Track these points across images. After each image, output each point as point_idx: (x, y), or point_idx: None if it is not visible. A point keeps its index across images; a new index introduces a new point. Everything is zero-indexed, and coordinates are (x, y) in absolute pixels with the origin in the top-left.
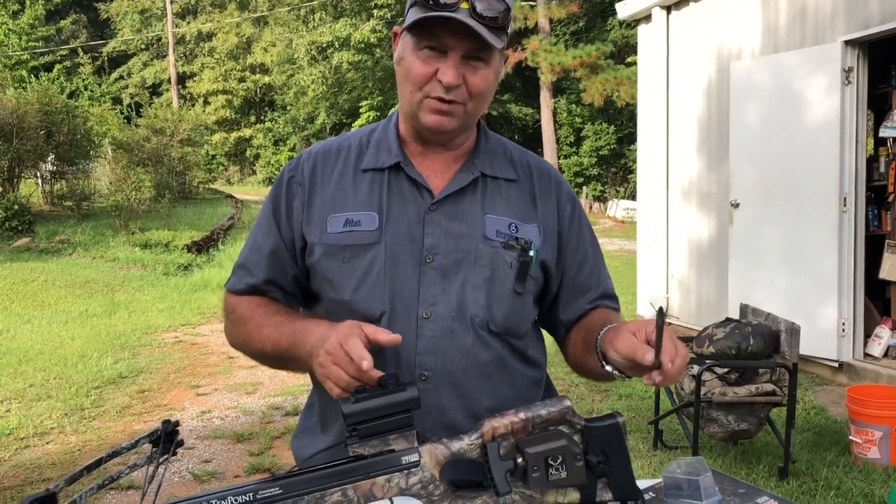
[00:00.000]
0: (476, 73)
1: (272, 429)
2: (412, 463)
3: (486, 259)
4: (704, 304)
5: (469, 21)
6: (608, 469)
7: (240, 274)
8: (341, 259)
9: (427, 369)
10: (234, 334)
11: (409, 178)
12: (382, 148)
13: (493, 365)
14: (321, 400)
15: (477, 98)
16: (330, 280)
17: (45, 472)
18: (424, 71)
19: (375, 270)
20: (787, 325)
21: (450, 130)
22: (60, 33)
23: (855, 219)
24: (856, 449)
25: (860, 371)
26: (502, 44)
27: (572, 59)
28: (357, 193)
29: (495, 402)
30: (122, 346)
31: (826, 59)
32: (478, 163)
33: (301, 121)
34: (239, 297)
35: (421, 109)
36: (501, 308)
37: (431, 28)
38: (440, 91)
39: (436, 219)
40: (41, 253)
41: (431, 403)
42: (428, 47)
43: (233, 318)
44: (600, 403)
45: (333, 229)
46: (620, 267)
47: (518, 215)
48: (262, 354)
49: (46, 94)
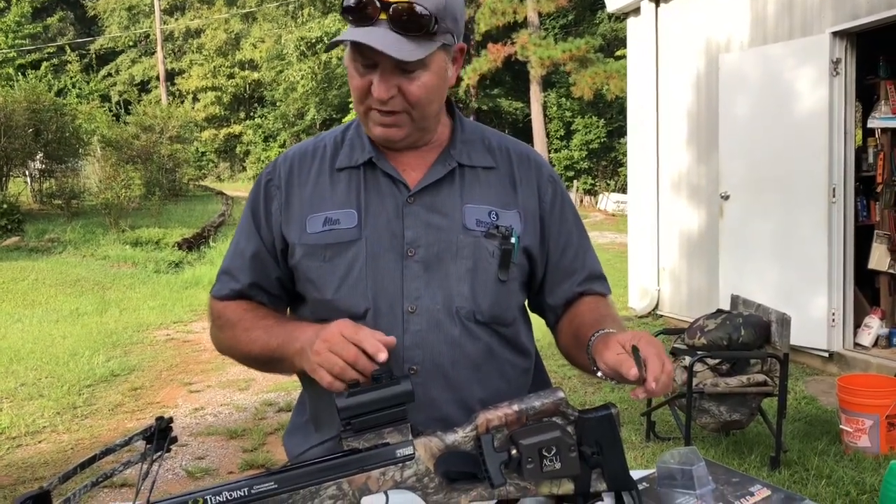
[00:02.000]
0: (413, 81)
1: (265, 425)
2: (407, 456)
3: (467, 249)
4: (695, 296)
5: (384, 40)
6: (602, 460)
7: (224, 280)
8: (322, 258)
9: (415, 363)
10: (221, 339)
11: (384, 173)
12: (356, 146)
13: (481, 355)
14: (312, 398)
15: (418, 105)
16: (312, 280)
17: (37, 471)
18: (361, 83)
19: (357, 268)
20: (777, 315)
21: (399, 140)
22: (47, 31)
23: (844, 209)
24: (846, 438)
25: (850, 361)
26: (434, 47)
27: (562, 52)
28: (334, 192)
29: (487, 394)
30: (113, 344)
31: (814, 51)
32: (454, 153)
33: (291, 117)
34: (225, 302)
35: (367, 120)
36: (486, 298)
37: (355, 44)
38: (377, 104)
39: (414, 211)
40: (31, 252)
41: (422, 397)
42: (359, 62)
43: (219, 323)
44: (593, 395)
45: (313, 229)
46: (612, 260)
47: (498, 202)
48: (250, 357)
49: (34, 92)
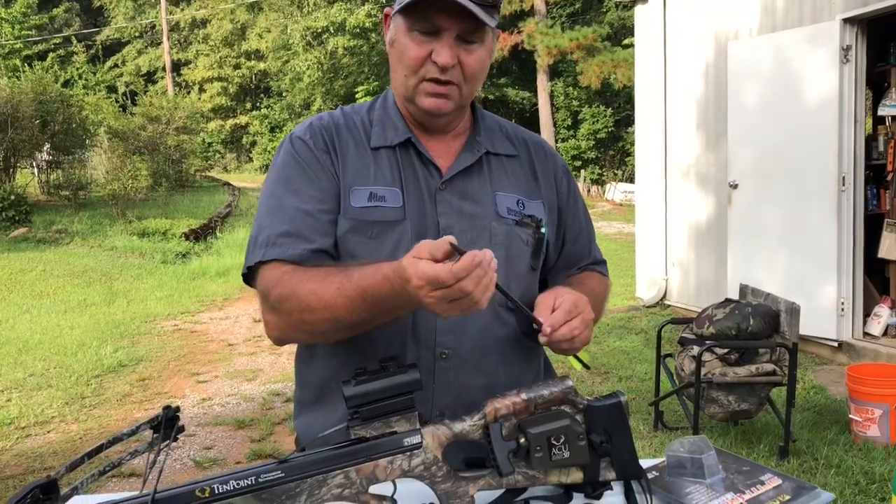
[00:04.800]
0: (470, 53)
1: (273, 415)
2: (415, 445)
3: (501, 237)
4: (703, 286)
5: (462, 0)
6: (611, 448)
7: (286, 242)
8: (369, 235)
9: (447, 347)
10: (284, 311)
11: (418, 155)
12: (388, 126)
13: (508, 342)
14: (325, 376)
15: (471, 79)
16: (356, 256)
17: (46, 461)
18: (418, 53)
19: (403, 249)
20: (786, 305)
21: (447, 112)
22: (53, 22)
23: (854, 198)
24: (856, 427)
25: (860, 350)
26: (495, 21)
27: (569, 41)
28: (379, 168)
29: (511, 379)
30: (121, 335)
31: (824, 38)
32: (481, 140)
33: (297, 107)
34: (285, 267)
35: (417, 93)
36: (520, 285)
37: (423, 9)
38: (435, 72)
39: (447, 198)
40: (39, 243)
41: (452, 382)
42: (420, 29)
43: (277, 292)
44: (600, 385)
45: (357, 203)
46: (619, 250)
47: (523, 192)
48: (333, 320)
49: (41, 84)
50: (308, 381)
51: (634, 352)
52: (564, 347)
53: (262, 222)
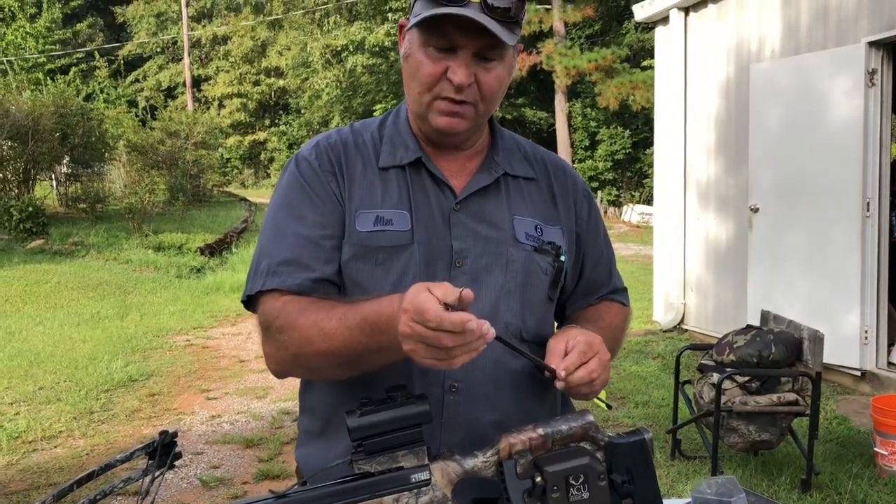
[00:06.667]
0: (489, 71)
1: (282, 434)
2: (422, 481)
3: (518, 263)
4: (722, 311)
5: (480, 17)
6: (633, 489)
7: (286, 271)
8: (374, 261)
9: (457, 380)
10: (282, 343)
11: (430, 176)
12: (398, 144)
13: (523, 375)
14: (329, 404)
15: (488, 98)
16: (360, 283)
17: (52, 477)
18: (433, 70)
19: (410, 274)
20: (809, 332)
21: (460, 132)
22: (77, 36)
23: (878, 224)
24: (881, 461)
25: (884, 380)
26: (515, 38)
27: (587, 62)
28: (386, 190)
29: (524, 415)
30: (133, 349)
31: (849, 61)
32: (499, 160)
33: (315, 124)
34: (286, 297)
35: (430, 111)
36: (534, 316)
37: (440, 25)
38: (450, 91)
39: (461, 220)
40: (55, 255)
41: (462, 416)
42: (436, 45)
43: (279, 323)
44: (616, 411)
45: (363, 227)
46: (636, 272)
47: (541, 216)
48: (330, 353)
49: (62, 97)
50: (310, 409)
51: (651, 377)
52: (584, 392)
53: (263, 248)
